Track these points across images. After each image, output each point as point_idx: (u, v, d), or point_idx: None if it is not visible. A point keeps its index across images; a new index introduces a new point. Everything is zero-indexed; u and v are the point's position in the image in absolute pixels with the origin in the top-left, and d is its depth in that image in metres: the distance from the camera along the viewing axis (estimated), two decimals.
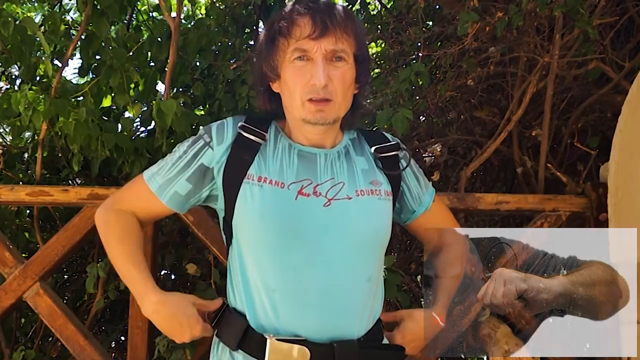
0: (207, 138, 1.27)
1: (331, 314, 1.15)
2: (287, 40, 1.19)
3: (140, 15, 2.90)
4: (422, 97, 2.50)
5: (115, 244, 1.28)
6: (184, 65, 2.44)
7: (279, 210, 1.18)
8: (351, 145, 1.32)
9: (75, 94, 2.16)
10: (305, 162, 1.24)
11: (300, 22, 1.18)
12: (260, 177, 1.21)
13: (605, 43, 2.23)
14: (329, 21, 1.16)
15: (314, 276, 1.15)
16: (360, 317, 1.19)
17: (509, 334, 2.01)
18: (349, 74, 1.20)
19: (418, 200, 1.39)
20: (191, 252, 2.54)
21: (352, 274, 1.18)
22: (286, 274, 1.16)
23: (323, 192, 1.20)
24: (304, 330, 1.14)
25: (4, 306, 2.00)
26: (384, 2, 3.16)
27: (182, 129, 2.09)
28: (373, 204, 1.24)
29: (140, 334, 1.98)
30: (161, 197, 1.28)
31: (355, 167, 1.27)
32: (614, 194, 1.98)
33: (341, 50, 1.18)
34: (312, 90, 1.17)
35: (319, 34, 1.15)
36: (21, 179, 2.45)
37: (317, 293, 1.15)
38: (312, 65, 1.17)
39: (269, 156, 1.24)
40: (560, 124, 2.52)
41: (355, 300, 1.18)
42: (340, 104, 1.21)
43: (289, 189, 1.19)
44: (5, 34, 2.00)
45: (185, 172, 1.26)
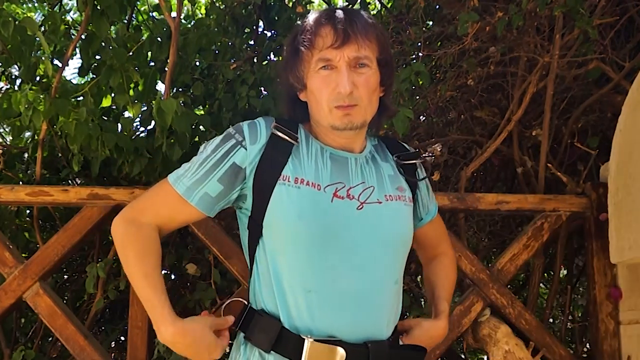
0: (238, 137, 1.24)
1: (365, 315, 1.17)
2: (311, 52, 1.22)
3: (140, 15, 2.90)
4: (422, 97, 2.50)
5: (134, 263, 1.22)
6: (184, 65, 2.44)
7: (317, 212, 1.18)
8: (375, 151, 1.36)
9: (75, 94, 2.16)
10: (337, 165, 1.26)
11: (322, 33, 1.20)
12: (297, 178, 1.21)
13: (605, 43, 2.23)
14: (350, 29, 1.18)
15: (349, 277, 1.17)
16: (389, 318, 1.23)
17: (509, 334, 2.01)
18: (373, 79, 1.23)
19: (426, 208, 1.45)
20: (191, 252, 2.54)
21: (383, 276, 1.21)
22: (323, 275, 1.16)
23: (356, 196, 1.23)
24: (339, 331, 1.15)
25: (4, 306, 2.00)
26: (384, 1, 3.15)
27: (183, 129, 2.09)
28: (400, 209, 1.28)
29: (140, 334, 1.98)
30: (190, 199, 1.23)
31: (382, 172, 1.31)
32: (614, 194, 1.98)
33: (364, 57, 1.20)
34: (338, 98, 1.19)
35: (341, 43, 1.18)
36: (21, 179, 2.45)
37: (352, 294, 1.17)
38: (337, 73, 1.19)
39: (304, 157, 1.24)
40: (560, 124, 2.52)
41: (386, 301, 1.22)
42: (366, 108, 1.23)
43: (325, 191, 1.21)
44: (5, 34, 2.00)
45: (216, 173, 1.23)
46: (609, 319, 2.06)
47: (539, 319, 2.24)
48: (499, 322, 2.04)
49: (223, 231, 2.05)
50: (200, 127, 2.46)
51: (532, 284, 2.40)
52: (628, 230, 1.90)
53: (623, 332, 2.04)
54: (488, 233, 2.93)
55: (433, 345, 1.40)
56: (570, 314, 2.81)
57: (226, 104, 2.41)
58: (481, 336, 2.07)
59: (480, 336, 2.08)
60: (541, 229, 2.10)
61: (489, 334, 2.03)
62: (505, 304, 2.06)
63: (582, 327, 2.68)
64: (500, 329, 2.01)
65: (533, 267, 2.41)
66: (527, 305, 2.22)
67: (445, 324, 1.40)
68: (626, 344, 2.03)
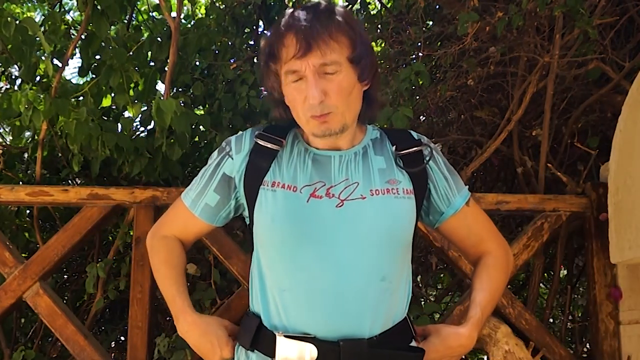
0: (227, 148, 1.31)
1: (340, 313, 1.16)
2: (279, 64, 1.21)
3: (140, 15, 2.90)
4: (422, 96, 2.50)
5: (159, 266, 1.36)
6: (184, 65, 2.44)
7: (289, 213, 1.20)
8: (371, 146, 1.31)
9: (75, 94, 2.16)
10: (319, 165, 1.25)
11: (286, 42, 1.18)
12: (274, 182, 1.24)
13: (605, 43, 2.23)
14: (310, 37, 1.15)
15: (324, 276, 1.17)
16: (374, 316, 1.19)
17: (509, 334, 2.01)
18: (345, 81, 1.19)
19: (446, 201, 1.34)
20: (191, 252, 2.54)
21: (364, 273, 1.18)
22: (296, 275, 1.18)
23: (336, 194, 1.22)
24: (313, 328, 1.16)
25: (4, 306, 2.00)
26: (384, 1, 3.16)
27: (182, 128, 2.09)
28: (389, 202, 1.23)
29: (140, 334, 1.98)
30: (194, 210, 1.33)
31: (371, 166, 1.27)
32: (614, 194, 1.98)
33: (330, 62, 1.16)
34: (310, 108, 1.18)
35: (304, 52, 1.15)
36: (21, 179, 2.45)
37: (326, 292, 1.16)
38: (306, 83, 1.18)
39: (284, 162, 1.27)
40: (560, 124, 2.52)
41: (367, 299, 1.18)
42: (344, 113, 1.21)
43: (301, 192, 1.22)
44: (5, 34, 2.00)
45: (212, 183, 1.31)
46: (609, 319, 2.06)
47: (539, 319, 2.24)
48: (499, 322, 2.04)
49: (223, 231, 2.05)
50: (200, 127, 2.46)
51: (532, 284, 2.40)
52: (628, 230, 1.90)
53: (623, 332, 2.04)
54: None
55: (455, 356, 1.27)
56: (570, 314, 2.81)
57: (226, 104, 2.41)
58: (481, 336, 2.07)
59: (480, 336, 2.08)
60: (541, 229, 2.10)
61: (489, 334, 2.03)
62: (505, 304, 2.06)
63: (582, 327, 2.68)
64: (500, 329, 2.01)
65: (533, 267, 2.41)
66: (527, 305, 2.22)
67: (470, 333, 1.26)
68: (626, 344, 2.03)
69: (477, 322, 1.28)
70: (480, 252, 1.39)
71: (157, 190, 2.06)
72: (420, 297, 2.90)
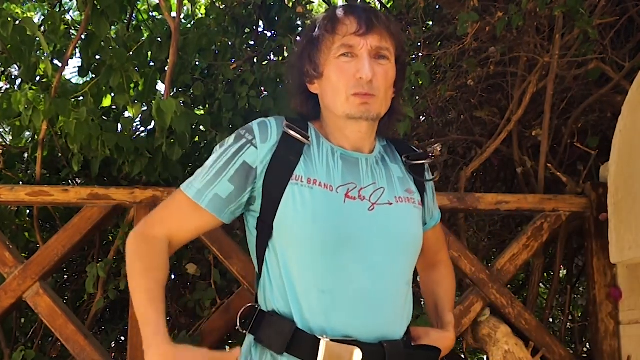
0: (249, 136, 1.22)
1: (379, 315, 1.17)
2: (333, 37, 1.21)
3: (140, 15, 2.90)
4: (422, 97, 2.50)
5: (138, 277, 1.19)
6: (184, 65, 2.44)
7: (330, 213, 1.17)
8: (384, 152, 1.34)
9: (75, 94, 2.16)
10: (348, 165, 1.24)
11: (346, 21, 1.21)
12: (310, 178, 1.19)
13: (605, 43, 2.23)
14: (374, 19, 1.20)
15: (363, 278, 1.16)
16: (401, 318, 1.22)
17: (509, 334, 2.01)
18: (391, 72, 1.24)
19: (431, 213, 1.42)
20: (191, 252, 2.54)
21: (396, 276, 1.21)
22: (337, 276, 1.15)
23: (367, 196, 1.22)
24: (355, 330, 1.14)
25: (4, 306, 2.00)
26: (384, 1, 3.16)
27: (182, 128, 2.09)
28: (410, 211, 1.27)
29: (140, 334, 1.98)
30: (200, 201, 1.19)
31: (392, 174, 1.29)
32: (614, 194, 1.98)
33: (385, 49, 1.22)
34: (357, 84, 1.19)
35: (365, 31, 1.19)
36: (21, 179, 2.45)
37: (367, 294, 1.16)
38: (358, 61, 1.19)
39: (315, 157, 1.23)
40: (560, 124, 2.52)
41: (398, 302, 1.21)
42: (382, 101, 1.23)
43: (337, 192, 1.19)
44: (5, 34, 2.00)
45: (227, 172, 1.20)
46: (609, 319, 2.06)
47: (539, 319, 2.24)
48: (498, 322, 2.05)
49: (223, 231, 2.05)
50: (200, 127, 2.46)
51: (532, 284, 2.40)
52: (628, 230, 1.90)
53: (623, 332, 2.04)
54: (488, 233, 2.93)
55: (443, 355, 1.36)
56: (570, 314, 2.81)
57: (226, 104, 2.41)
58: (481, 336, 2.07)
59: (480, 336, 2.08)
60: (541, 229, 2.10)
61: (488, 334, 2.03)
62: (505, 304, 2.06)
63: (582, 327, 2.68)
64: (500, 329, 2.02)
65: (533, 267, 2.41)
66: (527, 305, 2.22)
67: (453, 336, 1.38)
68: (626, 344, 2.03)
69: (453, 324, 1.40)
70: (436, 260, 1.50)
71: (157, 190, 2.06)
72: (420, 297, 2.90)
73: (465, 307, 2.05)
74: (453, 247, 2.04)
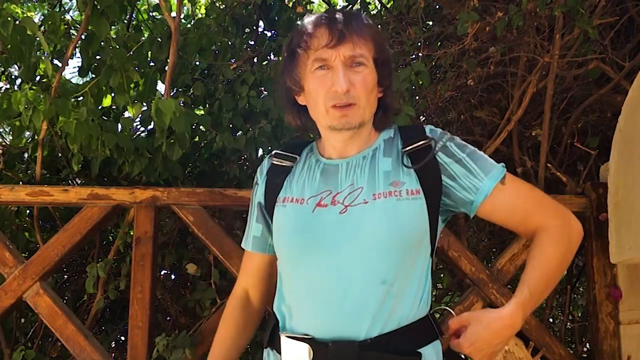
0: (256, 178, 1.41)
1: (336, 315, 1.18)
2: (307, 52, 1.23)
3: (140, 15, 2.90)
4: (422, 97, 2.50)
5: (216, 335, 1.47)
6: (184, 65, 2.44)
7: (296, 225, 1.27)
8: (381, 147, 1.30)
9: (75, 94, 2.16)
10: (327, 174, 1.28)
11: (317, 33, 1.22)
12: (285, 197, 1.31)
13: (605, 43, 2.23)
14: (344, 29, 1.20)
15: (323, 280, 1.21)
16: (372, 319, 1.18)
17: None
18: (370, 77, 1.23)
19: (473, 189, 1.25)
20: (191, 252, 2.54)
21: (364, 276, 1.19)
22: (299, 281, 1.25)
23: (341, 200, 1.23)
24: (313, 329, 1.20)
25: (4, 306, 2.00)
26: (384, 1, 3.16)
27: (182, 128, 2.09)
28: (389, 205, 1.21)
29: (140, 333, 1.98)
30: (246, 246, 1.44)
31: (377, 170, 1.26)
32: (614, 194, 1.98)
33: (359, 55, 1.21)
34: (335, 96, 1.21)
35: (337, 42, 1.20)
36: (21, 179, 2.45)
37: (328, 296, 1.20)
38: (333, 72, 1.21)
39: (296, 176, 1.33)
40: (560, 124, 2.52)
41: (366, 302, 1.18)
42: (365, 108, 1.24)
43: (307, 203, 1.26)
44: (5, 33, 2.00)
45: (253, 215, 1.41)
46: (609, 319, 2.06)
47: (539, 319, 2.24)
48: None
49: (223, 231, 2.05)
50: (200, 127, 2.46)
51: None
52: (628, 230, 1.90)
53: (623, 332, 2.04)
54: (488, 233, 2.93)
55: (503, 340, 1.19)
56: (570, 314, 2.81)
57: (226, 104, 2.41)
58: None
59: None
60: None
61: None
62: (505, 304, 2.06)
63: (582, 327, 2.68)
64: None
65: None
66: None
67: (513, 312, 1.18)
68: (626, 344, 2.03)
69: (523, 301, 1.20)
70: (532, 229, 1.28)
71: (157, 190, 2.06)
72: None
73: (465, 307, 2.05)
74: (453, 247, 2.04)
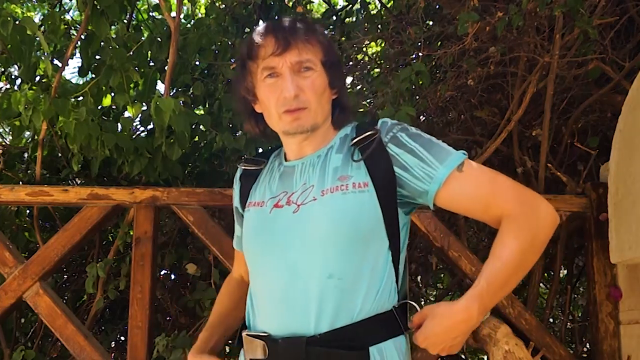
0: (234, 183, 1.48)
1: (286, 313, 1.22)
2: (256, 62, 1.28)
3: (140, 15, 2.90)
4: (422, 96, 2.50)
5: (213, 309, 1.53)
6: (184, 65, 2.44)
7: (255, 228, 1.33)
8: (336, 144, 1.32)
9: (75, 94, 2.16)
10: (285, 176, 1.33)
11: (264, 43, 1.27)
12: (249, 202, 1.37)
13: (605, 43, 2.23)
14: (289, 36, 1.25)
15: (277, 279, 1.25)
16: (320, 314, 1.19)
17: (509, 334, 2.01)
18: (318, 80, 1.27)
19: (427, 178, 1.22)
20: (191, 252, 2.55)
21: (311, 272, 1.21)
22: (258, 282, 1.31)
23: (295, 200, 1.27)
24: (269, 327, 1.25)
25: (4, 306, 2.00)
26: (384, 1, 3.15)
27: (182, 128, 2.09)
28: (336, 200, 1.23)
29: (140, 333, 1.98)
30: (234, 244, 1.52)
31: (327, 167, 1.28)
32: (614, 194, 1.98)
33: (306, 61, 1.25)
34: (285, 102, 1.24)
35: (282, 50, 1.24)
36: (21, 179, 2.45)
37: (282, 294, 1.23)
38: (282, 79, 1.25)
39: (260, 181, 1.38)
40: (560, 124, 2.52)
41: (315, 297, 1.20)
42: (316, 111, 1.27)
43: (266, 205, 1.31)
44: (4, 33, 2.00)
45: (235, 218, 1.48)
46: (609, 319, 2.06)
47: (539, 319, 2.24)
48: (499, 322, 2.04)
49: (223, 231, 2.05)
50: (200, 127, 2.46)
51: (532, 284, 2.40)
52: (628, 230, 1.90)
53: (623, 332, 2.04)
54: (488, 233, 2.92)
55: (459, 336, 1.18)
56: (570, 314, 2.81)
57: (226, 104, 2.41)
58: (481, 336, 2.07)
59: (480, 336, 2.07)
60: None
61: (488, 334, 2.03)
62: (505, 304, 2.06)
63: (582, 327, 2.68)
64: (500, 329, 2.01)
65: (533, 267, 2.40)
66: (527, 305, 2.22)
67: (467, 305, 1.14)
68: (626, 344, 2.03)
69: (479, 293, 1.15)
70: (495, 217, 1.22)
71: (157, 190, 2.06)
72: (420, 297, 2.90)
73: None
74: (453, 247, 2.04)
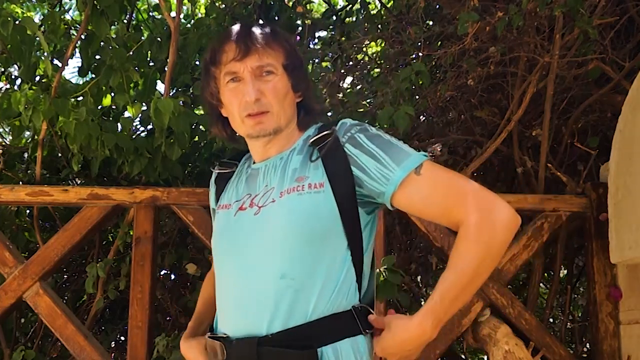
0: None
1: (243, 314, 1.24)
2: (219, 68, 1.30)
3: (140, 15, 2.90)
4: (422, 96, 2.50)
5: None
6: (184, 65, 2.44)
7: (220, 231, 1.33)
8: (299, 146, 1.31)
9: (75, 94, 2.16)
10: (250, 178, 1.34)
11: (226, 48, 1.29)
12: (219, 205, 1.37)
13: (605, 43, 2.23)
14: (250, 41, 1.26)
15: (236, 281, 1.26)
16: (272, 314, 1.19)
17: (509, 334, 2.01)
18: (280, 84, 1.28)
19: (383, 179, 1.19)
20: (191, 252, 2.54)
21: (264, 273, 1.22)
22: (220, 284, 1.32)
23: (257, 202, 1.29)
24: (229, 329, 1.26)
25: (4, 306, 2.00)
26: (384, 1, 3.15)
27: (181, 128, 2.09)
28: (292, 200, 1.23)
29: (140, 333, 1.98)
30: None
31: (288, 168, 1.28)
32: (614, 194, 1.98)
33: (267, 65, 1.27)
34: (247, 106, 1.26)
35: (243, 55, 1.26)
36: (21, 179, 2.45)
37: (240, 295, 1.25)
38: (244, 84, 1.27)
39: (230, 183, 1.39)
40: (560, 124, 2.52)
41: (268, 298, 1.20)
42: (279, 114, 1.28)
43: (232, 208, 1.32)
44: (4, 33, 2.00)
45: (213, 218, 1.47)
46: (609, 319, 2.06)
47: (539, 319, 2.24)
48: (499, 322, 2.04)
49: None
50: (200, 127, 2.46)
51: (532, 284, 2.40)
52: (628, 230, 1.90)
53: (623, 332, 2.04)
54: None
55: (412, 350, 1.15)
56: (570, 314, 2.81)
57: None
58: (481, 336, 2.07)
59: (480, 336, 2.08)
60: (541, 229, 2.10)
61: (489, 334, 2.03)
62: (505, 304, 2.06)
63: (582, 327, 2.68)
64: (500, 329, 2.01)
65: (533, 267, 2.41)
66: (527, 305, 2.22)
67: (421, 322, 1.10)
68: (626, 344, 2.03)
69: (432, 307, 1.11)
70: (454, 222, 1.18)
71: (157, 190, 2.06)
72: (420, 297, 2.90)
73: (465, 307, 2.05)
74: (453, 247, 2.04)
